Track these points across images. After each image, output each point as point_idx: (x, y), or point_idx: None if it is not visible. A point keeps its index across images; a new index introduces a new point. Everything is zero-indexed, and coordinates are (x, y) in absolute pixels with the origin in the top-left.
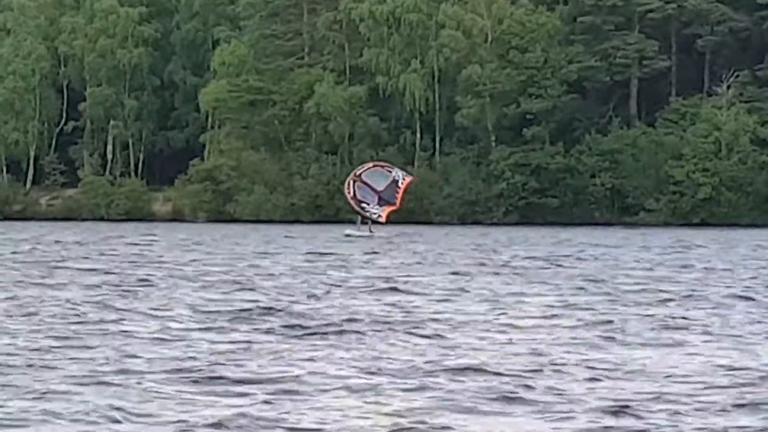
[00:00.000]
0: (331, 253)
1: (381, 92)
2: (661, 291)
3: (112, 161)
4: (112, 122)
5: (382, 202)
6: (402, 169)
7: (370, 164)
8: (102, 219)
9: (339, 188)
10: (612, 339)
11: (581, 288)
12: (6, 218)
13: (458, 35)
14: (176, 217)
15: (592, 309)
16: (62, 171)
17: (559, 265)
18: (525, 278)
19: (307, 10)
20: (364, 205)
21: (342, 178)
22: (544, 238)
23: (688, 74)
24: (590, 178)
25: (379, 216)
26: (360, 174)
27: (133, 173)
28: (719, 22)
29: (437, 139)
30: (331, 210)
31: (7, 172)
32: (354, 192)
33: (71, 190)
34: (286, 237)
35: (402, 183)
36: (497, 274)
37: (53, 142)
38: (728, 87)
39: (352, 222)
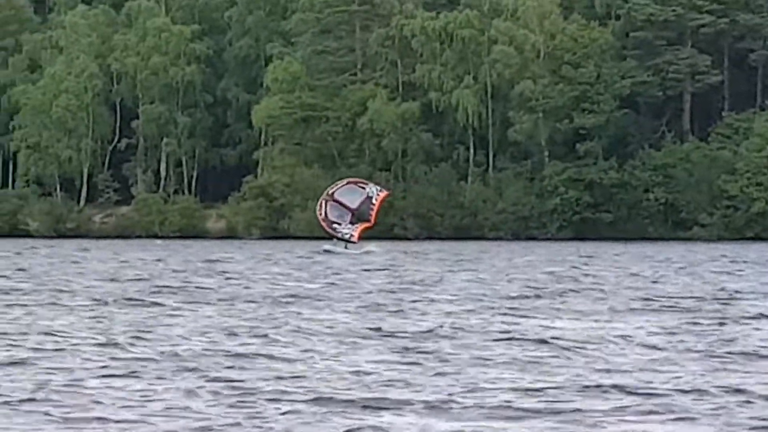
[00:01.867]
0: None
1: (434, 108)
2: None
3: (165, 178)
4: (165, 139)
5: (355, 219)
6: (377, 183)
7: (344, 181)
8: (155, 236)
9: (393, 204)
10: None
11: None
12: (60, 236)
13: (511, 51)
14: (230, 234)
15: None
16: (116, 188)
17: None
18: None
19: (359, 26)
20: (335, 225)
21: (396, 194)
22: (625, 254)
23: (741, 88)
24: (643, 192)
25: (351, 236)
26: (332, 193)
27: (186, 190)
28: None
29: (490, 154)
30: (385, 226)
31: (61, 190)
32: (325, 213)
33: (125, 208)
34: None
35: (376, 199)
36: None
37: (106, 160)
38: None
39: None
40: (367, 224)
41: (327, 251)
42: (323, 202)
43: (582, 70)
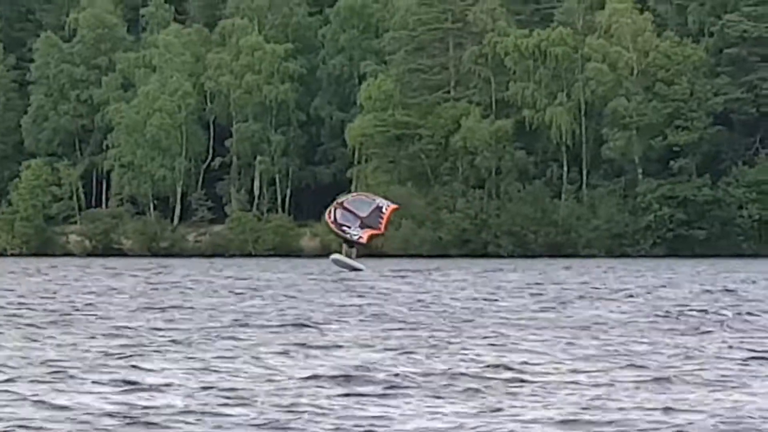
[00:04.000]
0: None
1: (527, 125)
2: None
3: (259, 197)
4: (258, 158)
5: (364, 226)
6: (386, 198)
7: (354, 194)
8: (249, 255)
9: (487, 222)
10: None
11: None
12: (154, 255)
13: (604, 68)
14: (324, 252)
15: None
16: (209, 207)
17: None
18: None
19: (452, 43)
20: (344, 228)
21: (489, 211)
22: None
23: None
24: (737, 209)
25: (360, 237)
26: (342, 202)
27: (279, 208)
28: None
29: (584, 171)
30: (478, 244)
31: (155, 209)
32: (335, 217)
33: (218, 226)
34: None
35: (386, 210)
36: None
37: (200, 179)
38: None
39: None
40: (376, 231)
41: (336, 261)
42: (333, 209)
43: (675, 87)
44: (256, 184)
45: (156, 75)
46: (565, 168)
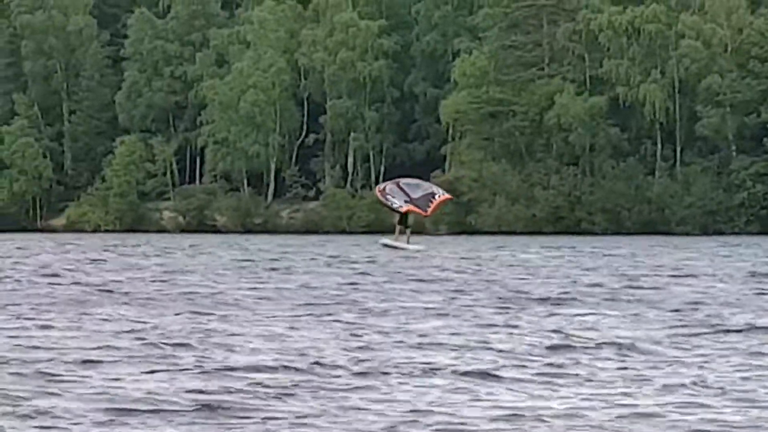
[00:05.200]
0: None
1: (621, 103)
2: None
3: (353, 174)
4: (352, 134)
5: (411, 203)
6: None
7: (413, 179)
8: (344, 232)
9: (580, 199)
10: None
11: None
12: (248, 231)
13: (698, 45)
14: (417, 229)
15: None
16: (303, 184)
17: None
18: None
19: (546, 20)
20: (389, 197)
21: (583, 188)
22: None
23: None
24: None
25: (400, 206)
26: (398, 182)
27: (373, 185)
28: None
29: (678, 149)
30: (572, 221)
31: (249, 185)
32: (385, 187)
33: (312, 203)
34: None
35: (439, 197)
36: None
37: (294, 155)
38: None
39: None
40: (421, 212)
41: (386, 245)
42: (386, 184)
43: None
44: (350, 160)
45: (250, 51)
46: (659, 145)
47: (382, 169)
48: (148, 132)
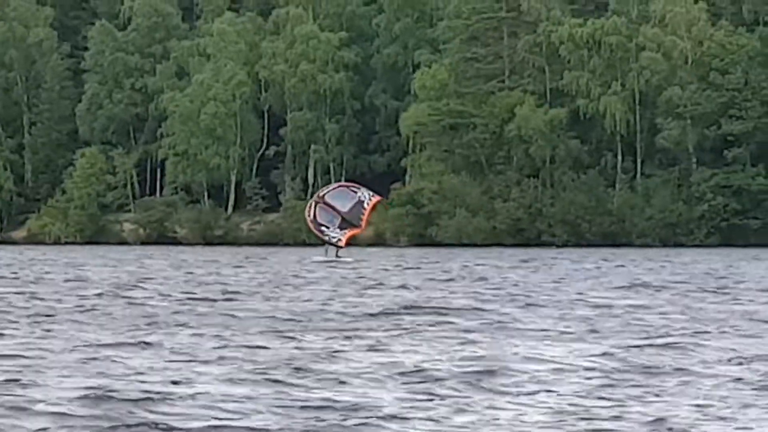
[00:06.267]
0: None
1: (582, 115)
2: None
3: (313, 185)
4: (313, 146)
5: (345, 224)
6: (369, 189)
7: (336, 185)
8: (303, 244)
9: (541, 211)
10: None
11: None
12: (207, 243)
13: (659, 57)
14: (377, 241)
15: None
16: (264, 196)
17: None
18: None
19: (507, 33)
20: (323, 228)
21: (543, 201)
22: None
23: None
24: None
25: (339, 240)
26: (323, 195)
27: None
28: None
29: (638, 161)
30: (532, 233)
31: (209, 197)
32: (314, 215)
33: (273, 215)
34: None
35: (368, 204)
36: None
37: (254, 167)
38: None
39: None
40: (356, 230)
41: (321, 261)
42: (313, 204)
43: (730, 77)
44: (311, 172)
45: (210, 63)
46: (620, 157)
47: (343, 180)
48: (108, 144)
